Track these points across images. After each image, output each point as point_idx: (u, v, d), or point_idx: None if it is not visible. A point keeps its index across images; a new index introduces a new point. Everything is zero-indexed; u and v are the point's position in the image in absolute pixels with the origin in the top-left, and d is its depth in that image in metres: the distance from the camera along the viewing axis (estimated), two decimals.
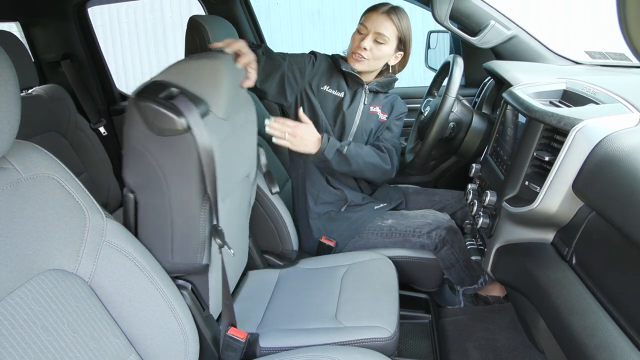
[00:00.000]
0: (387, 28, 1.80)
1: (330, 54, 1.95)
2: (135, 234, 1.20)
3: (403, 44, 1.87)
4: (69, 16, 2.65)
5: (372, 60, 1.83)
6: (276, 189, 1.75)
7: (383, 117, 1.97)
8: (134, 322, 1.03)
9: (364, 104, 1.91)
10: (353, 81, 1.90)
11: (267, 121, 1.67)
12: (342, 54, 1.94)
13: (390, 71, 1.95)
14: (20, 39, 2.30)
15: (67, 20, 2.66)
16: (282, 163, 2.28)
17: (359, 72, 1.86)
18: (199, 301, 1.30)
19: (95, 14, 3.95)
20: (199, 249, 1.23)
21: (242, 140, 1.50)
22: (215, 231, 1.22)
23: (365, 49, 1.80)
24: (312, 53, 1.92)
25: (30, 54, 2.54)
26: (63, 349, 0.86)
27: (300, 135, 1.71)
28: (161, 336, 1.07)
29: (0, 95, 0.79)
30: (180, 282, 1.27)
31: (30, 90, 2.30)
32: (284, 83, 1.79)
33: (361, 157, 1.81)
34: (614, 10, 0.48)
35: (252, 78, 1.54)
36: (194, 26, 1.83)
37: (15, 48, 2.12)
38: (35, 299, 0.85)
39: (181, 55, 1.91)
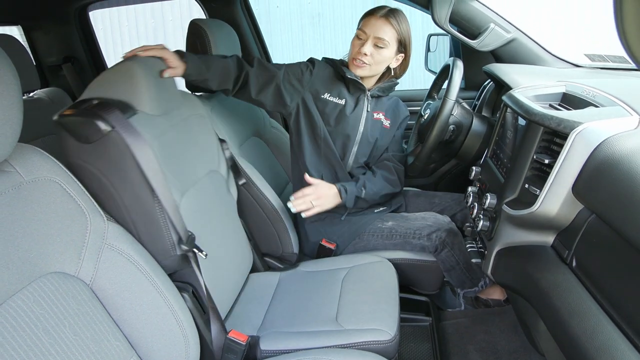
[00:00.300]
0: (387, 32, 1.79)
1: (331, 60, 1.94)
2: None
3: (403, 46, 1.86)
4: (70, 20, 2.66)
5: (373, 65, 1.83)
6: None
7: (387, 123, 1.97)
8: (135, 325, 1.03)
9: (367, 110, 1.91)
10: (355, 87, 1.89)
11: (289, 204, 1.73)
12: (343, 59, 1.94)
13: (392, 74, 1.94)
14: (22, 42, 2.31)
15: (69, 24, 2.67)
16: (282, 166, 2.28)
17: (360, 78, 1.86)
18: (199, 304, 1.30)
19: (96, 17, 3.96)
20: (169, 243, 1.23)
21: (189, 134, 1.52)
22: (178, 234, 1.24)
23: (365, 54, 1.79)
24: (310, 61, 1.92)
25: (32, 57, 2.54)
26: (64, 351, 0.87)
27: (321, 196, 1.76)
28: (162, 339, 1.07)
29: (3, 99, 0.80)
30: (181, 284, 1.28)
31: (31, 94, 2.31)
32: (281, 93, 1.80)
33: (377, 194, 1.88)
34: (612, 13, 0.48)
35: (173, 67, 1.52)
36: (195, 30, 1.84)
37: (17, 51, 2.13)
38: (37, 302, 0.86)
39: None
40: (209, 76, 1.66)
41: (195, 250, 1.27)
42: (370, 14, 1.83)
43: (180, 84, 1.60)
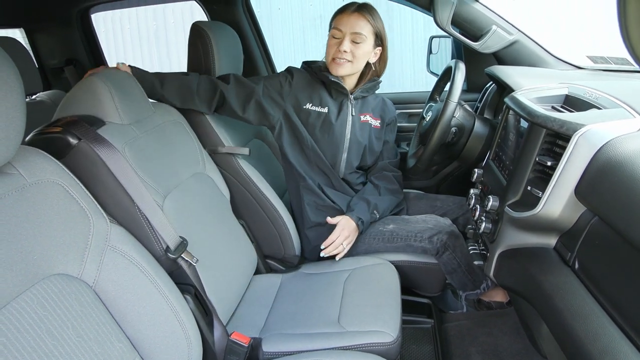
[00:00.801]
0: (363, 26, 1.78)
1: (310, 65, 1.92)
2: None
3: (380, 39, 1.85)
4: (72, 22, 2.67)
5: (354, 61, 1.81)
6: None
7: (376, 122, 1.97)
8: (137, 327, 1.03)
9: (352, 114, 1.90)
10: (337, 92, 1.87)
11: (322, 253, 1.77)
12: (320, 63, 1.92)
13: (374, 70, 1.93)
14: (24, 45, 2.32)
15: (71, 27, 2.68)
16: (283, 168, 2.28)
17: (341, 78, 1.85)
18: (202, 306, 1.30)
19: (98, 20, 3.97)
20: (159, 248, 1.25)
21: (164, 139, 1.53)
22: (163, 240, 1.25)
23: (345, 51, 1.77)
24: (288, 71, 1.90)
25: (34, 60, 2.55)
26: (68, 353, 0.87)
27: (348, 235, 1.79)
28: (164, 340, 1.07)
29: (7, 102, 0.80)
30: (183, 286, 1.28)
31: (34, 96, 2.32)
32: (263, 108, 1.80)
33: (387, 210, 1.93)
34: (616, 15, 0.48)
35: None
36: (197, 32, 1.84)
37: (19, 54, 2.14)
38: (40, 304, 0.86)
39: (184, 61, 1.92)
40: (164, 93, 1.70)
41: (184, 256, 1.28)
42: (342, 11, 1.82)
43: None
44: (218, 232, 1.57)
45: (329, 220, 1.78)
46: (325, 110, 1.86)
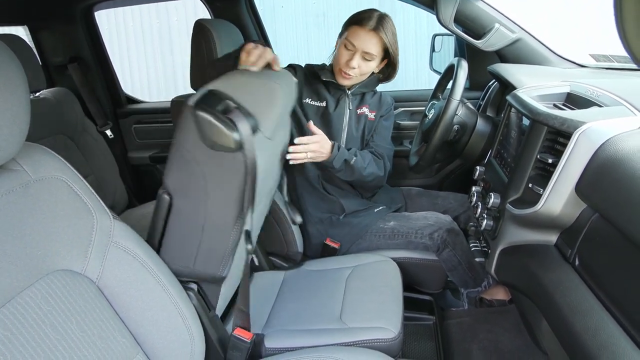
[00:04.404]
0: (375, 45, 1.79)
1: (310, 66, 1.95)
2: (161, 236, 1.21)
3: (388, 53, 1.86)
4: (76, 20, 2.67)
5: (359, 76, 1.85)
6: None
7: (372, 115, 1.98)
8: (140, 322, 1.04)
9: (349, 109, 1.92)
10: (334, 88, 1.91)
11: (290, 152, 1.67)
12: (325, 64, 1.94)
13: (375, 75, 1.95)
14: (28, 42, 2.33)
15: (74, 24, 2.68)
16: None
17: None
18: (204, 301, 1.30)
19: (101, 17, 3.97)
20: (222, 260, 1.22)
21: (277, 156, 1.51)
22: (248, 236, 1.21)
23: (354, 67, 1.79)
24: (291, 66, 1.92)
25: (38, 57, 2.56)
26: (72, 347, 0.88)
27: (317, 149, 1.73)
28: (167, 336, 1.08)
29: (12, 99, 0.81)
30: (186, 282, 1.28)
31: (38, 94, 2.33)
32: None
33: (363, 168, 1.84)
34: (613, 14, 0.48)
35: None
36: (200, 30, 1.84)
37: (23, 52, 2.14)
38: (44, 299, 0.86)
39: (187, 59, 1.93)
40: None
41: None
42: (358, 24, 1.80)
43: (182, 85, 1.60)
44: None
45: (310, 124, 1.75)
46: (324, 104, 1.89)
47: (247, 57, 1.37)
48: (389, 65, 1.93)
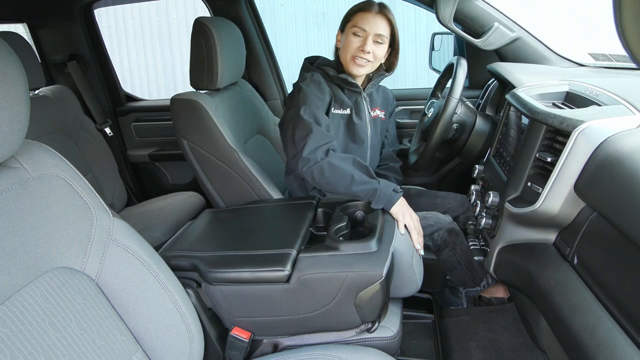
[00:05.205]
0: (385, 28, 1.78)
1: (319, 67, 1.86)
2: None
3: (393, 39, 1.85)
4: (75, 18, 2.67)
5: (374, 62, 1.81)
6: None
7: (382, 115, 2.01)
8: (139, 320, 1.04)
9: (368, 112, 1.92)
10: (350, 91, 1.86)
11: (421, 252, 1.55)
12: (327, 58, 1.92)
13: (380, 67, 1.93)
14: (28, 40, 2.33)
15: (74, 22, 2.68)
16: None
17: (354, 77, 1.83)
18: (203, 300, 1.31)
19: (101, 15, 3.97)
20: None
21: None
22: None
23: (368, 52, 1.76)
24: (312, 81, 1.81)
25: (37, 55, 2.56)
26: (71, 345, 0.88)
27: (417, 224, 1.59)
28: (166, 334, 1.08)
29: (11, 96, 0.81)
30: (185, 280, 1.29)
31: (37, 91, 2.33)
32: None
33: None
34: (612, 13, 0.48)
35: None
36: (200, 28, 1.84)
37: (22, 49, 2.15)
38: (43, 296, 0.87)
39: (187, 56, 1.93)
40: None
41: None
42: (365, 10, 1.79)
43: (182, 83, 1.61)
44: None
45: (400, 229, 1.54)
46: (348, 111, 1.85)
47: None
48: (391, 54, 1.92)
